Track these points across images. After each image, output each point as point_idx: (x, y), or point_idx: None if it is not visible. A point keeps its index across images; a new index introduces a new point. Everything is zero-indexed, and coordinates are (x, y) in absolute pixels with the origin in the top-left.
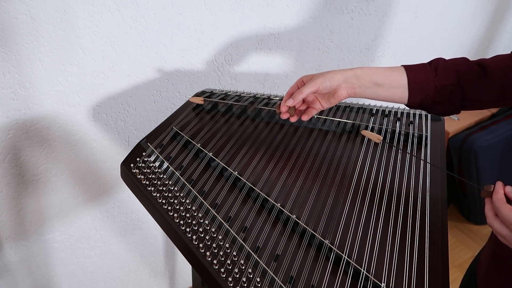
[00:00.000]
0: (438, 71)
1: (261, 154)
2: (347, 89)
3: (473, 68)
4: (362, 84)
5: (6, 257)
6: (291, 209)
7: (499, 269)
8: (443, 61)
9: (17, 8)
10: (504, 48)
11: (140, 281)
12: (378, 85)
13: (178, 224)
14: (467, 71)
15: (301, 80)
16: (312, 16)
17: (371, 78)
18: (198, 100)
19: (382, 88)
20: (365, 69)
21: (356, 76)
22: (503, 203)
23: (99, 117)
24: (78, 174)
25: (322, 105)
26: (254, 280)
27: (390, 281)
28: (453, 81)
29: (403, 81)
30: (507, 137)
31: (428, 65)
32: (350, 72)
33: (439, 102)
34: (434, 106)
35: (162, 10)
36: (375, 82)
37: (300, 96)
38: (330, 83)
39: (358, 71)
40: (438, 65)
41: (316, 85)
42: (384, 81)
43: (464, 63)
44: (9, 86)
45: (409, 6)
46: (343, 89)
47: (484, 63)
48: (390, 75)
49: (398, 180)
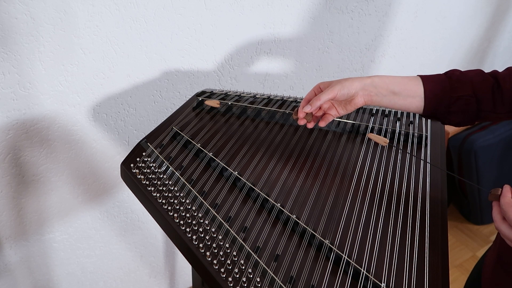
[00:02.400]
0: (454, 82)
1: (261, 154)
2: (364, 97)
3: (488, 80)
4: (379, 92)
5: (6, 257)
6: (291, 209)
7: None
8: (459, 72)
9: (17, 8)
10: (504, 48)
11: (140, 281)
12: (395, 93)
13: (178, 224)
14: (482, 82)
15: (318, 87)
16: (312, 16)
17: (388, 86)
18: (214, 104)
19: (398, 97)
20: (382, 78)
21: (374, 84)
22: (510, 207)
23: (99, 117)
24: (78, 174)
25: (339, 111)
26: (254, 280)
27: (390, 281)
28: (469, 92)
29: (419, 90)
30: (507, 137)
31: (444, 75)
32: (368, 80)
33: (455, 112)
34: (449, 117)
35: (162, 10)
36: (392, 90)
37: (318, 103)
38: (347, 91)
39: (376, 79)
40: (454, 76)
41: (333, 92)
42: (401, 90)
43: (479, 74)
44: (9, 86)
45: (409, 6)
46: (360, 97)
47: (497, 75)
48: (407, 84)
49: (398, 180)
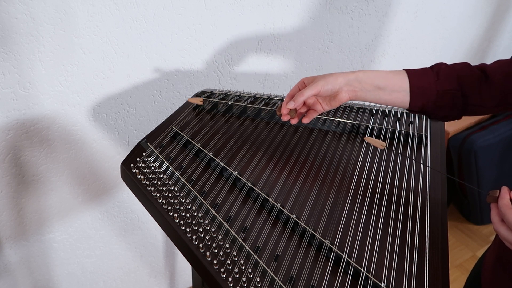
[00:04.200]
0: (440, 76)
1: (261, 154)
2: (349, 92)
3: (475, 73)
4: (364, 88)
5: (6, 257)
6: (291, 209)
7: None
8: (445, 65)
9: (17, 8)
10: (504, 48)
11: (140, 281)
12: (380, 88)
13: (178, 224)
14: (469, 76)
15: (302, 82)
16: (312, 16)
17: (373, 81)
18: (197, 101)
19: (383, 92)
20: (367, 73)
21: (358, 79)
22: (508, 209)
23: (99, 117)
24: (78, 174)
25: (323, 107)
26: (254, 280)
27: (390, 281)
28: (455, 85)
29: (405, 85)
30: (507, 137)
31: (430, 69)
32: (352, 75)
33: (441, 106)
34: (436, 111)
35: (162, 10)
36: (377, 85)
37: (301, 98)
38: (331, 86)
39: (360, 74)
40: (440, 70)
41: (317, 88)
42: (386, 84)
43: (466, 68)
44: (9, 86)
45: (409, 6)
46: (345, 92)
47: (485, 68)
48: (392, 78)
49: (398, 180)
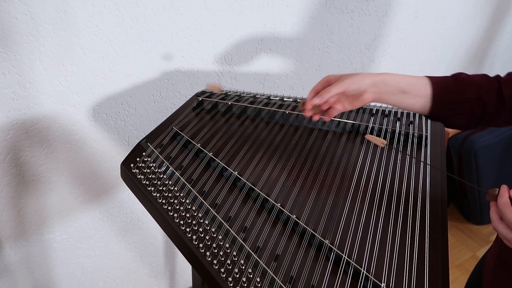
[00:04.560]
0: (460, 84)
1: (261, 154)
2: (374, 94)
3: (493, 84)
4: (389, 90)
5: (6, 257)
6: (291, 209)
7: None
8: (465, 75)
9: (17, 8)
10: (504, 48)
11: (140, 281)
12: (405, 92)
13: (178, 224)
14: (488, 86)
15: (326, 80)
16: (312, 16)
17: (398, 85)
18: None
19: (407, 96)
20: (393, 76)
21: (384, 81)
22: (507, 207)
23: (99, 117)
24: (78, 174)
25: (345, 106)
26: (254, 280)
27: (390, 281)
28: (475, 95)
29: (427, 91)
30: (507, 137)
31: (451, 77)
32: (379, 77)
33: (459, 115)
34: (454, 119)
35: (162, 10)
36: (402, 89)
37: (327, 96)
38: (358, 86)
39: (386, 76)
40: (460, 78)
41: (344, 86)
42: (411, 89)
43: (484, 78)
44: (9, 86)
45: (409, 6)
46: (370, 93)
47: (500, 80)
48: (416, 83)
49: (398, 180)
